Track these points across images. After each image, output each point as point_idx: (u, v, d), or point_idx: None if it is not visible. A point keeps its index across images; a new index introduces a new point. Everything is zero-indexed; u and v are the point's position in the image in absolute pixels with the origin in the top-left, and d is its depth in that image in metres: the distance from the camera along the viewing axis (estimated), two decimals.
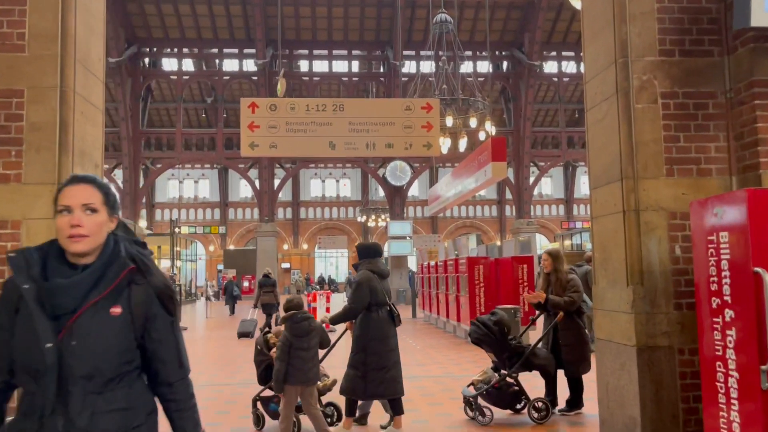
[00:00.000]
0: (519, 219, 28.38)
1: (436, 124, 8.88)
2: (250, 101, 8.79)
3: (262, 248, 26.73)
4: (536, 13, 25.88)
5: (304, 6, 26.47)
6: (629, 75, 3.46)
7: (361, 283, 4.97)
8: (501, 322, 5.56)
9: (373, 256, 5.28)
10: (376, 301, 4.96)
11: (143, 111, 28.11)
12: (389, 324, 5.03)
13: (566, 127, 29.55)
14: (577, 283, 5.63)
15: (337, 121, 8.73)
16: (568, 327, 5.62)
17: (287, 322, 4.97)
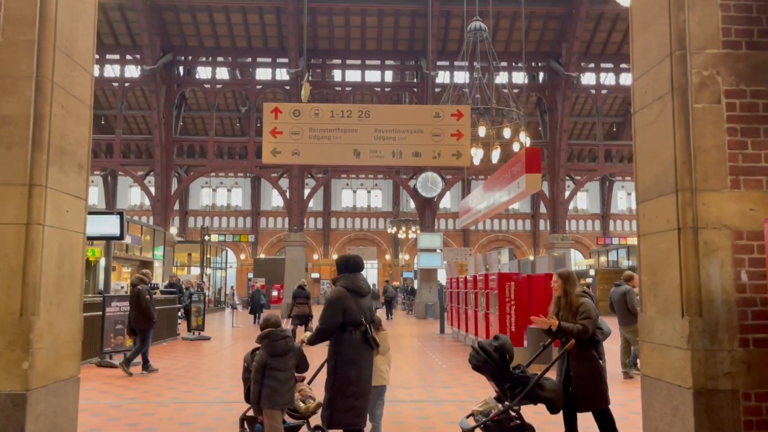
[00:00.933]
0: (553, 234, 27.58)
1: (467, 133, 8.44)
2: (273, 106, 8.48)
3: (291, 258, 26.49)
4: (574, 23, 25.23)
5: (338, 15, 26.33)
6: (687, 70, 2.96)
7: (332, 302, 4.56)
8: (503, 348, 4.88)
9: (351, 270, 4.82)
10: (350, 321, 4.53)
11: (177, 119, 28.25)
12: (363, 347, 4.57)
13: (604, 141, 28.69)
14: (588, 308, 4.98)
15: (362, 127, 8.35)
16: (581, 357, 4.97)
17: (264, 341, 4.70)
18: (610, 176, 41.07)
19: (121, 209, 10.74)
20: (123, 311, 10.45)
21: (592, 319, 4.94)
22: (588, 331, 4.92)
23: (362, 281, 4.78)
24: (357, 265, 4.83)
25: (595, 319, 4.97)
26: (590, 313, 4.95)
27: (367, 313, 4.68)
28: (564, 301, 5.11)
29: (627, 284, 9.27)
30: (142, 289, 9.76)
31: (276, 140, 8.33)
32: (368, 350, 4.61)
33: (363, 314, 4.61)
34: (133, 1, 24.21)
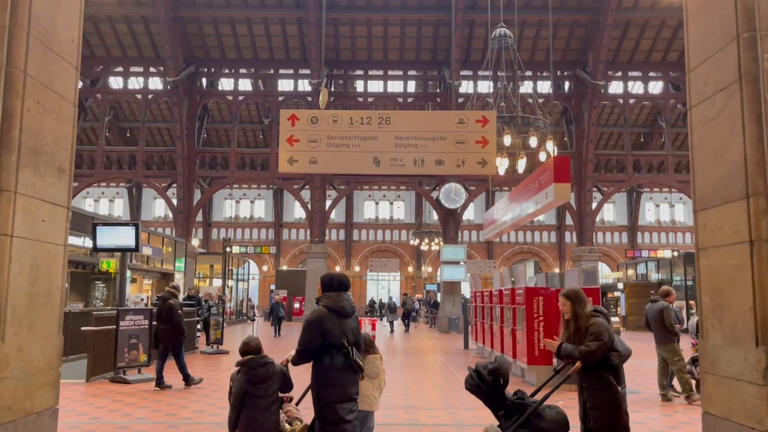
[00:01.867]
0: (580, 246, 26.88)
1: (493, 140, 8.01)
2: (290, 113, 8.15)
3: (312, 269, 26.17)
4: (601, 31, 24.67)
5: (360, 26, 26.14)
6: (758, 55, 2.52)
7: (311, 322, 4.31)
8: (497, 371, 4.44)
9: (335, 289, 4.53)
10: (330, 344, 4.27)
11: (199, 130, 28.25)
12: (345, 371, 4.30)
13: (632, 151, 27.96)
14: (599, 328, 4.43)
15: (382, 135, 7.98)
16: (596, 386, 4.45)
17: (243, 368, 4.52)
18: (638, 187, 40.16)
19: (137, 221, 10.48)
20: (137, 325, 10.18)
21: (601, 341, 4.38)
22: (593, 354, 4.37)
23: (345, 301, 4.48)
24: (342, 284, 4.56)
25: (608, 341, 4.39)
26: (600, 333, 4.41)
27: (351, 335, 4.39)
28: (574, 325, 4.60)
29: (664, 300, 8.71)
30: (174, 303, 9.51)
31: (293, 148, 7.99)
32: (351, 374, 4.34)
33: (345, 336, 4.33)
34: (156, 14, 24.30)
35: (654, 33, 26.23)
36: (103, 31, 25.94)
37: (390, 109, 27.92)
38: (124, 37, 26.30)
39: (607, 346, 4.41)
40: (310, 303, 26.00)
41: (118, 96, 28.90)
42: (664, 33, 26.16)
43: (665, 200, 43.43)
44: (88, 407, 7.86)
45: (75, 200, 41.53)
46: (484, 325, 14.23)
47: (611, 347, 4.44)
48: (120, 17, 25.32)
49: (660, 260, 31.01)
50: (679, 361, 8.45)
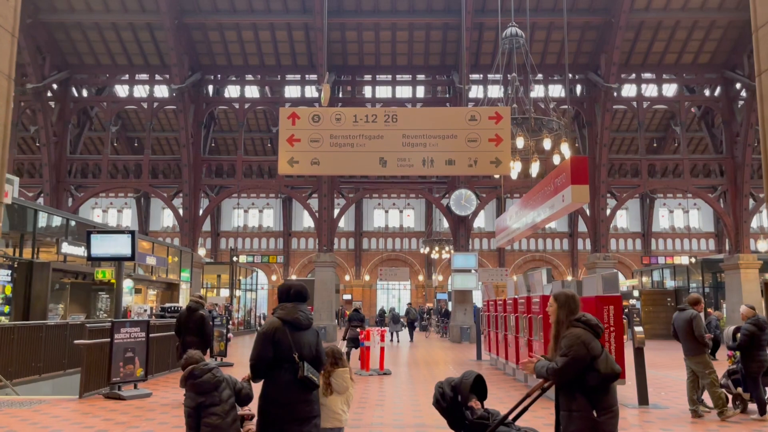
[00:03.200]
0: (595, 253, 26.20)
1: (507, 137, 7.49)
2: (290, 111, 7.67)
3: (320, 279, 25.68)
4: (614, 32, 24.10)
5: (367, 30, 25.73)
6: None
7: (261, 334, 4.09)
8: (459, 387, 4.04)
9: (291, 300, 4.27)
10: (280, 357, 4.04)
11: (206, 138, 27.91)
12: (294, 388, 4.04)
13: (646, 155, 27.30)
14: (570, 342, 3.80)
15: (389, 133, 7.48)
16: (570, 408, 3.81)
17: (187, 382, 4.32)
18: (651, 193, 39.44)
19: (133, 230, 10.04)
20: (134, 338, 9.69)
21: (572, 356, 3.72)
22: (562, 372, 3.74)
23: (301, 313, 4.20)
24: (298, 294, 4.29)
25: (581, 357, 3.70)
26: (571, 348, 3.75)
27: (306, 349, 4.15)
28: (554, 332, 4.02)
29: (693, 308, 8.12)
30: (205, 314, 9.12)
31: (293, 149, 7.51)
32: (302, 391, 4.07)
33: (299, 350, 4.08)
34: (161, 21, 24.01)
35: (668, 34, 25.63)
36: (107, 38, 25.69)
37: None
38: (130, 44, 26.04)
39: (580, 363, 3.74)
40: (318, 313, 25.48)
41: (124, 104, 28.62)
42: (678, 34, 25.56)
43: (679, 206, 42.65)
44: (76, 427, 7.36)
45: (83, 211, 41.34)
46: (497, 335, 13.66)
47: (590, 365, 3.76)
48: (125, 24, 25.06)
49: (677, 267, 30.26)
50: (710, 374, 7.85)
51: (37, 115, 25.31)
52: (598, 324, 3.99)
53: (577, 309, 3.99)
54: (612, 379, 3.80)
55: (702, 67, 26.65)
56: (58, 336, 12.45)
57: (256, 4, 24.64)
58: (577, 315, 3.95)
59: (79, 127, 27.85)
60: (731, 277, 25.33)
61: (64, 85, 26.33)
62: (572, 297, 4.04)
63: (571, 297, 4.04)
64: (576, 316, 3.95)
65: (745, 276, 24.65)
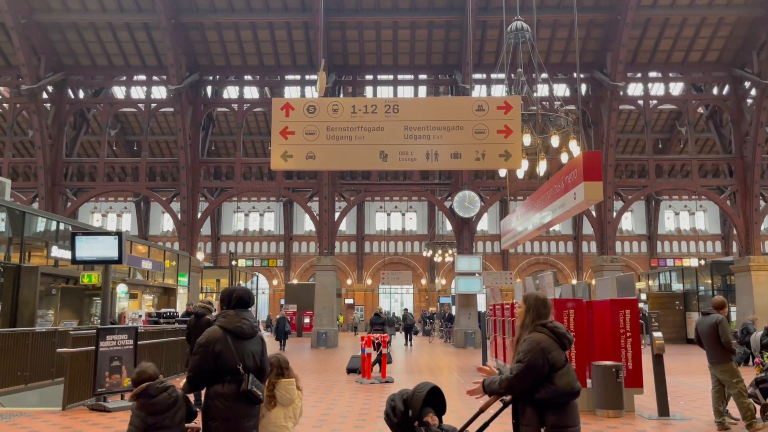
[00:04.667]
0: (601, 255, 25.62)
1: (517, 129, 6.95)
2: (284, 102, 7.14)
3: (321, 283, 25.13)
4: (620, 29, 23.56)
5: (368, 29, 25.23)
6: None
7: (201, 344, 3.80)
8: (410, 400, 3.70)
9: (233, 306, 3.99)
10: (222, 369, 3.77)
11: (204, 140, 27.42)
12: (238, 401, 3.77)
13: (654, 155, 26.72)
14: (529, 347, 3.46)
15: (390, 125, 6.95)
16: (525, 422, 3.49)
17: (139, 400, 3.93)
18: (657, 195, 38.84)
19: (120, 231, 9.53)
20: (120, 345, 9.15)
21: (527, 363, 3.39)
22: (513, 384, 3.41)
23: (244, 320, 3.92)
24: (241, 300, 4.00)
25: (534, 367, 3.37)
26: (527, 354, 3.42)
27: (250, 360, 3.88)
28: (517, 336, 3.67)
29: (718, 312, 7.55)
30: (212, 319, 8.80)
31: (287, 142, 6.97)
32: (245, 405, 3.80)
33: (243, 360, 3.82)
34: (157, 20, 23.54)
35: (675, 32, 25.09)
36: (104, 39, 25.22)
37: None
38: (126, 45, 25.57)
39: (537, 372, 3.41)
40: (319, 317, 24.94)
41: (120, 106, 28.18)
42: (685, 32, 25.02)
43: (685, 208, 42.06)
44: None
45: (82, 216, 40.93)
46: (504, 341, 13.08)
47: (547, 377, 3.42)
48: (121, 24, 24.60)
49: (685, 269, 29.65)
50: (738, 383, 7.27)
51: (32, 118, 24.83)
52: (566, 334, 3.57)
53: (547, 315, 3.63)
54: (569, 397, 3.44)
55: (710, 65, 26.10)
56: (45, 343, 11.91)
57: (255, 2, 24.17)
58: (543, 320, 3.59)
59: (75, 129, 27.39)
60: (742, 280, 24.72)
61: (59, 87, 25.86)
62: (543, 301, 3.67)
63: (541, 301, 3.67)
64: (542, 321, 3.59)
65: (756, 278, 24.04)
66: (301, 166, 6.97)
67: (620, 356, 8.76)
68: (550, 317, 3.64)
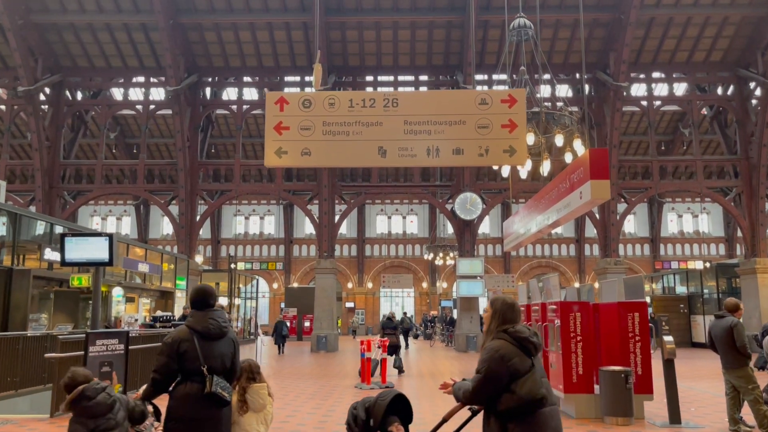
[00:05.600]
0: (605, 258, 25.29)
1: (522, 123, 6.65)
2: (278, 95, 6.86)
3: (321, 286, 24.82)
4: (623, 29, 23.28)
5: (368, 30, 24.97)
6: None
7: (167, 344, 3.74)
8: (372, 409, 3.50)
9: (200, 307, 3.90)
10: (187, 370, 3.70)
11: (203, 142, 27.14)
12: (201, 404, 3.67)
13: (657, 156, 26.40)
14: (487, 355, 3.25)
15: (389, 120, 6.65)
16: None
17: (77, 405, 3.75)
18: (660, 197, 38.51)
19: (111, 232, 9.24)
20: (111, 350, 8.85)
21: (485, 373, 3.18)
22: (472, 395, 3.23)
23: (212, 321, 3.82)
24: (205, 300, 3.91)
25: (493, 376, 3.15)
26: (483, 364, 3.21)
27: (219, 361, 3.78)
28: (482, 343, 3.46)
29: (733, 315, 7.23)
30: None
31: (281, 137, 6.68)
32: (211, 407, 3.69)
33: (209, 362, 3.72)
34: (155, 21, 23.29)
35: (679, 31, 24.80)
36: (101, 40, 24.98)
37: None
38: (124, 46, 25.32)
39: (497, 382, 3.18)
40: (319, 321, 24.63)
41: (118, 108, 27.90)
42: (689, 31, 24.73)
43: (688, 210, 41.72)
44: None
45: (81, 219, 40.67)
46: None
47: (508, 386, 3.17)
48: (119, 25, 24.36)
49: (689, 272, 29.30)
50: (754, 389, 6.95)
51: (29, 120, 24.58)
52: (530, 338, 3.26)
53: (514, 320, 3.36)
54: (532, 406, 3.15)
55: (714, 65, 25.80)
56: (37, 348, 11.62)
57: (254, 3, 23.92)
58: (506, 326, 3.32)
59: (73, 131, 27.14)
60: (747, 282, 24.38)
61: (57, 89, 25.61)
62: (510, 306, 3.40)
63: (508, 305, 3.40)
64: (505, 326, 3.32)
65: (762, 281, 23.71)
66: (296, 163, 6.68)
67: (629, 361, 8.44)
68: (518, 323, 3.38)
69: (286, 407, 9.78)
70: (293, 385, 13.06)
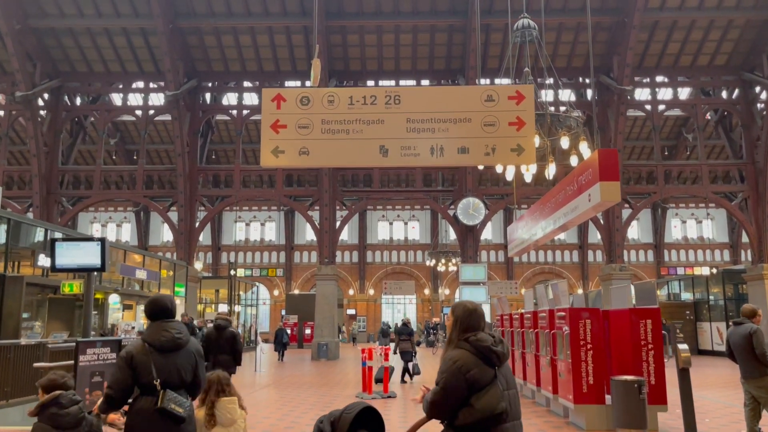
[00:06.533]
0: (610, 264, 24.94)
1: (530, 120, 6.34)
2: (275, 92, 6.55)
3: (322, 293, 24.48)
4: (627, 32, 23.02)
5: (370, 34, 24.73)
6: None
7: (121, 358, 3.59)
8: (337, 423, 3.21)
9: (153, 318, 3.74)
10: (141, 384, 3.55)
11: (202, 148, 26.87)
12: (154, 420, 3.51)
13: (662, 161, 26.08)
14: (445, 367, 3.04)
15: (391, 117, 6.35)
16: None
17: (47, 411, 3.57)
18: (663, 203, 38.18)
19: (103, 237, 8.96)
20: (102, 359, 8.51)
21: (443, 385, 2.98)
22: (431, 408, 3.04)
23: (165, 332, 3.63)
24: (163, 311, 3.73)
25: (451, 388, 2.95)
26: (441, 375, 3.01)
27: (175, 374, 3.61)
28: (444, 352, 3.21)
29: (750, 321, 6.89)
30: (236, 331, 8.86)
31: (278, 136, 6.38)
32: (166, 423, 3.51)
33: (163, 376, 3.55)
34: (154, 25, 23.07)
35: (683, 35, 24.55)
36: (100, 44, 24.76)
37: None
38: (123, 51, 25.10)
39: (455, 394, 2.97)
40: (320, 328, 24.29)
41: (117, 113, 27.66)
42: (693, 35, 24.47)
43: (692, 216, 41.35)
44: None
45: (81, 225, 40.40)
46: (513, 353, 12.43)
47: (466, 400, 2.96)
48: (118, 29, 24.14)
49: (695, 278, 28.92)
50: None
51: (27, 125, 24.34)
52: (492, 347, 3.00)
53: (476, 327, 3.12)
54: (490, 422, 2.94)
55: (719, 68, 25.52)
56: (30, 357, 11.26)
57: (254, 6, 23.70)
58: (467, 334, 3.09)
59: (72, 137, 26.89)
60: (755, 288, 23.99)
61: (55, 94, 25.39)
62: (472, 312, 3.17)
63: (469, 312, 3.16)
64: (466, 335, 3.09)
65: None
66: (293, 163, 6.37)
67: (641, 370, 8.10)
68: (480, 330, 3.11)
69: (284, 418, 9.45)
70: (293, 394, 12.72)
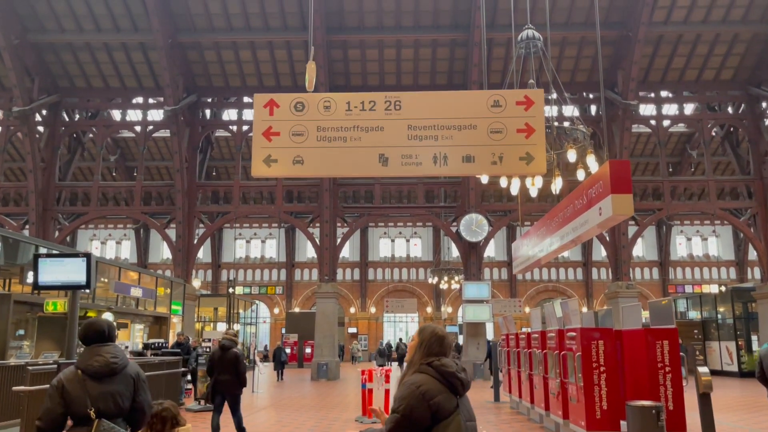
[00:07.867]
0: (616, 281, 24.42)
1: (540, 127, 5.93)
2: (267, 98, 6.18)
3: (322, 311, 23.98)
4: (632, 46, 22.74)
5: (371, 48, 24.50)
6: None
7: (51, 386, 3.39)
8: None
9: (87, 342, 3.54)
10: (74, 414, 3.36)
11: (201, 164, 26.53)
12: None
13: (669, 177, 25.67)
14: (405, 392, 2.76)
15: (390, 124, 5.95)
16: None
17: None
18: (668, 220, 37.71)
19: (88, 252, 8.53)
20: None
21: (402, 413, 2.69)
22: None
23: (98, 357, 3.43)
24: (98, 335, 3.53)
25: (415, 417, 2.67)
26: (401, 402, 2.72)
27: (111, 402, 3.39)
28: (402, 374, 2.99)
29: None
30: (239, 352, 8.61)
31: (271, 144, 5.98)
32: None
33: (96, 404, 3.33)
34: (154, 40, 22.85)
35: (688, 49, 24.27)
36: (99, 59, 24.55)
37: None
38: (122, 66, 24.88)
39: (415, 423, 2.70)
40: (320, 348, 23.75)
41: (115, 128, 27.39)
42: (699, 49, 24.19)
43: (697, 233, 40.85)
44: None
45: (80, 243, 40.03)
46: (520, 374, 11.91)
47: (429, 429, 2.72)
48: (117, 45, 23.94)
49: (702, 296, 28.34)
50: None
51: (24, 140, 24.05)
52: (457, 374, 2.74)
53: (441, 354, 2.88)
54: None
55: (725, 83, 25.20)
56: (15, 378, 10.80)
57: (254, 21, 23.49)
58: (431, 359, 2.85)
59: (70, 153, 26.58)
60: (765, 307, 23.45)
61: (53, 109, 25.11)
62: (440, 338, 2.94)
63: (437, 337, 2.94)
64: (430, 359, 2.85)
65: None
66: (287, 173, 5.96)
67: (658, 395, 7.60)
68: (446, 356, 2.86)
69: None
70: (290, 417, 12.21)
